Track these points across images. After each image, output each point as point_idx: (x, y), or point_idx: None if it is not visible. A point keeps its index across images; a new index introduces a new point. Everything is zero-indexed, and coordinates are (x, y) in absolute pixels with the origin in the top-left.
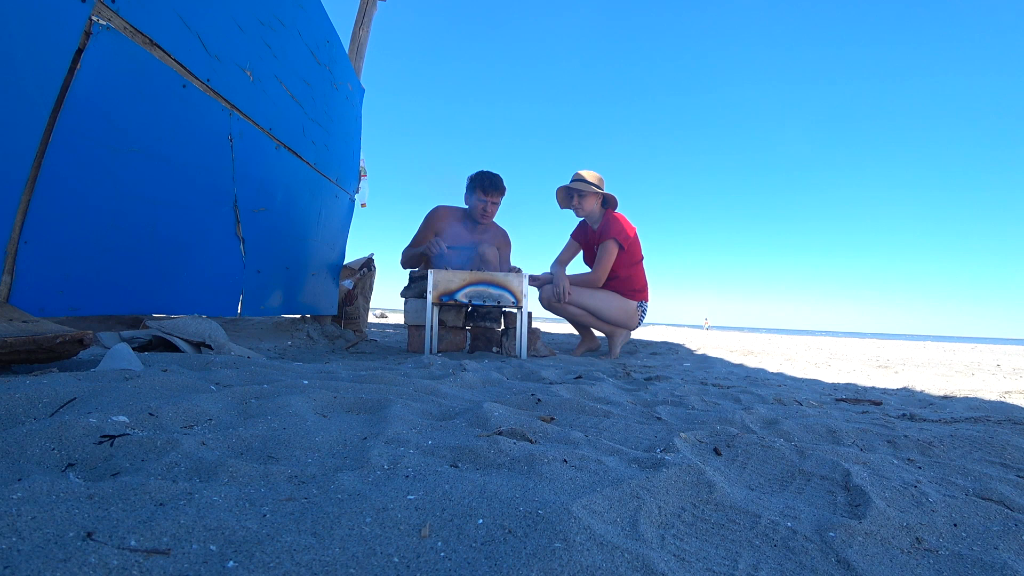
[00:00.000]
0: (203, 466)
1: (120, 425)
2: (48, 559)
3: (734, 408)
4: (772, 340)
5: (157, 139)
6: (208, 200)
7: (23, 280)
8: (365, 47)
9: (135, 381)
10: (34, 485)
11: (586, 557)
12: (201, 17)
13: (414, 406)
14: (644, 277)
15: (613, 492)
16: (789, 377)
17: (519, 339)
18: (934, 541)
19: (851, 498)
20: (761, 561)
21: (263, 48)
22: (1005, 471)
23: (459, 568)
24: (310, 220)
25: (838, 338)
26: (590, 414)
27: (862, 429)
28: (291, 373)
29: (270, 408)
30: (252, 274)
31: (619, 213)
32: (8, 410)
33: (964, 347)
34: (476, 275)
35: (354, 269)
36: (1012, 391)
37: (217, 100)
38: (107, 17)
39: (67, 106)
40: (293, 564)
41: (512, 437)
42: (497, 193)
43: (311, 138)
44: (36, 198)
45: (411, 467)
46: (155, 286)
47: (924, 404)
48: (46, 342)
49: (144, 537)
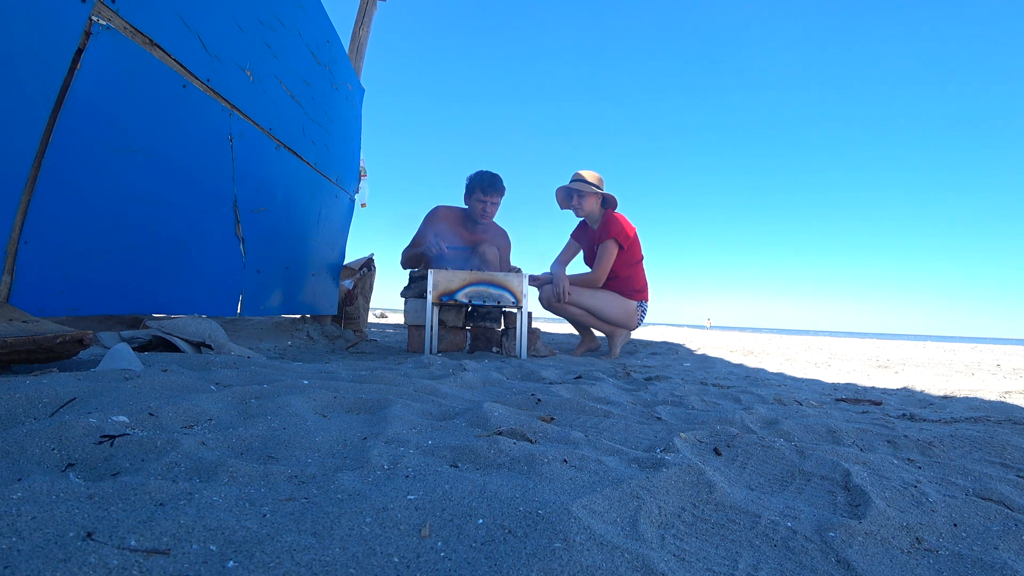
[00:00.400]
0: (203, 466)
1: (120, 425)
2: (48, 559)
3: (734, 408)
4: (772, 340)
5: (157, 139)
6: (208, 200)
7: (23, 280)
8: (365, 47)
9: (135, 381)
10: (34, 485)
11: (586, 557)
12: (201, 17)
13: (414, 406)
14: (644, 277)
15: (613, 492)
16: (789, 377)
17: (519, 339)
18: (934, 541)
19: (851, 498)
20: (761, 561)
21: (263, 48)
22: (1005, 471)
23: (459, 568)
24: (310, 220)
25: (838, 338)
26: (590, 414)
27: (862, 429)
28: (291, 373)
29: (270, 408)
30: (252, 274)
31: (619, 213)
32: (8, 410)
33: (964, 347)
34: (476, 275)
35: (354, 269)
36: (1012, 391)
37: (217, 100)
38: (107, 17)
39: (67, 106)
40: (293, 564)
41: (512, 437)
42: (496, 193)
43: (311, 138)
44: (36, 198)
45: (411, 467)
46: (155, 286)
47: (924, 404)
48: (46, 342)
49: (144, 537)
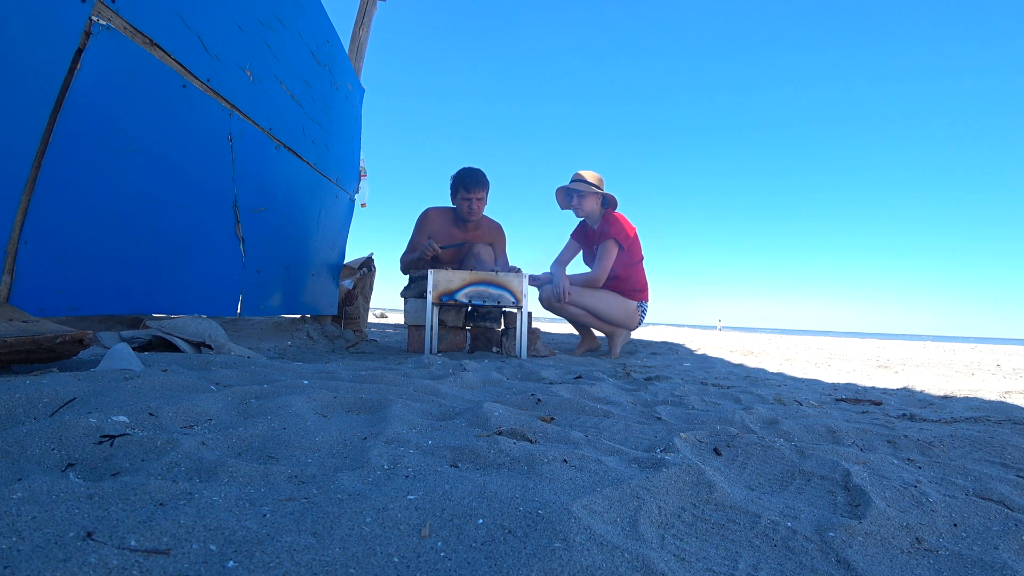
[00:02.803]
0: (203, 466)
1: (120, 425)
2: (48, 559)
3: (734, 408)
4: (772, 340)
5: (157, 139)
6: (208, 200)
7: (23, 280)
8: (365, 47)
9: (135, 381)
10: (34, 485)
11: (586, 557)
12: (201, 17)
13: (414, 406)
14: (644, 277)
15: (613, 492)
16: (789, 377)
17: (519, 339)
18: (934, 541)
19: (851, 498)
20: (761, 561)
21: (263, 48)
22: (1005, 471)
23: (459, 568)
24: (310, 220)
25: (838, 338)
26: (590, 414)
27: (862, 429)
28: (291, 373)
29: (270, 408)
30: (252, 274)
31: (619, 213)
32: (8, 410)
33: (964, 347)
34: (476, 275)
35: (354, 269)
36: (1012, 391)
37: (217, 100)
38: (107, 17)
39: (67, 106)
40: (293, 564)
41: (512, 437)
42: (480, 189)
43: (311, 138)
44: (36, 198)
45: (411, 467)
46: (155, 286)
47: (924, 404)
48: (46, 342)
49: (144, 537)
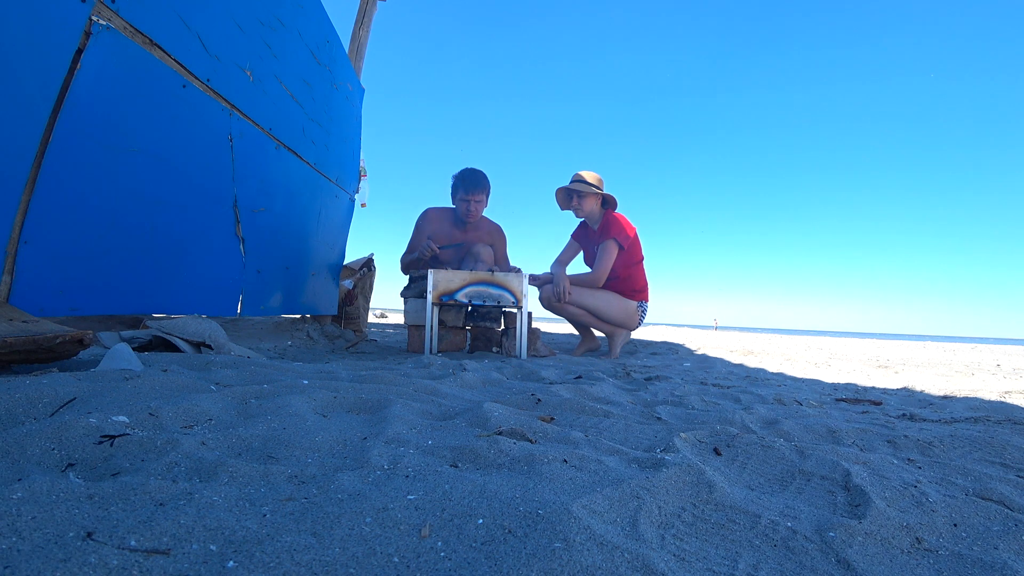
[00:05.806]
0: (203, 466)
1: (120, 425)
2: (48, 559)
3: (734, 408)
4: (772, 340)
5: (157, 139)
6: (208, 200)
7: (23, 280)
8: (365, 47)
9: (135, 381)
10: (34, 485)
11: (586, 557)
12: (201, 17)
13: (414, 406)
14: (644, 277)
15: (613, 492)
16: (789, 377)
17: (519, 339)
18: (934, 541)
19: (851, 498)
20: (761, 561)
21: (263, 48)
22: (1005, 471)
23: (459, 568)
24: (310, 220)
25: (838, 338)
26: (590, 414)
27: (862, 429)
28: (291, 373)
29: (270, 408)
30: (252, 274)
31: (619, 213)
32: (8, 410)
33: (964, 347)
34: (476, 275)
35: (354, 269)
36: (1012, 391)
37: (217, 100)
38: (107, 17)
39: (67, 106)
40: (293, 564)
41: (512, 437)
42: (479, 191)
43: (311, 138)
44: (36, 198)
45: (411, 467)
46: (155, 286)
47: (924, 404)
48: (46, 342)
49: (144, 537)
